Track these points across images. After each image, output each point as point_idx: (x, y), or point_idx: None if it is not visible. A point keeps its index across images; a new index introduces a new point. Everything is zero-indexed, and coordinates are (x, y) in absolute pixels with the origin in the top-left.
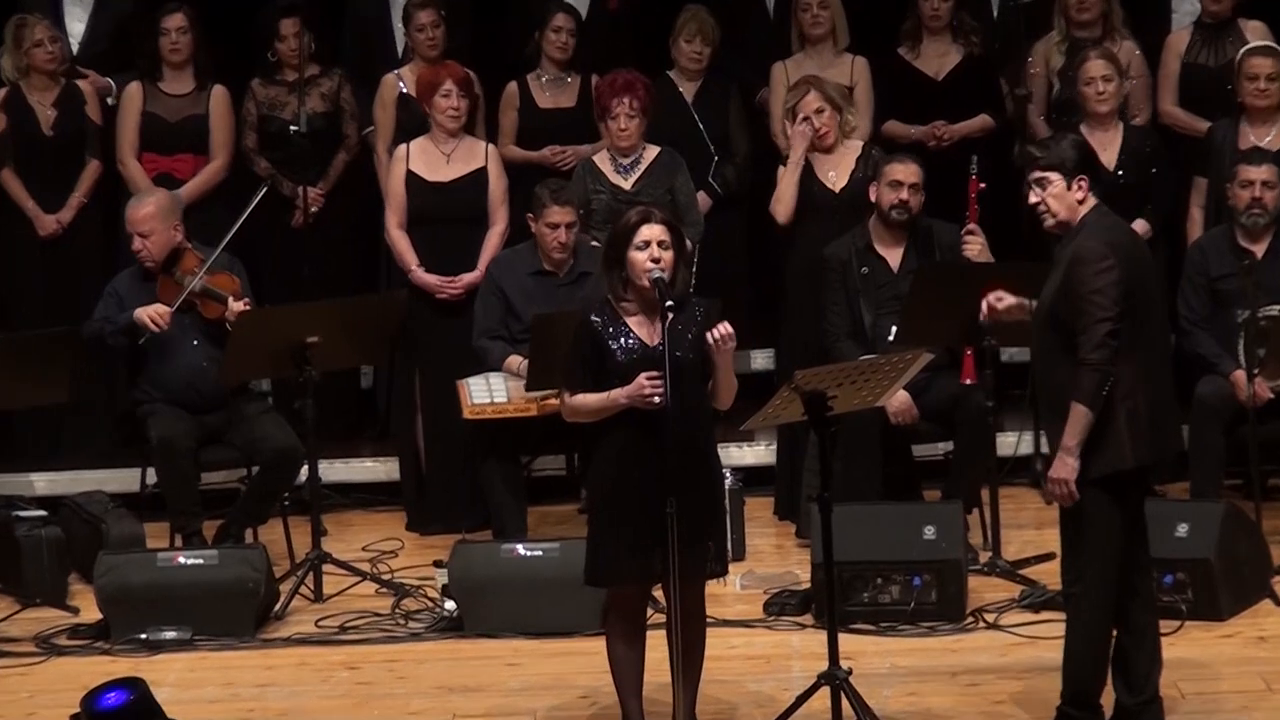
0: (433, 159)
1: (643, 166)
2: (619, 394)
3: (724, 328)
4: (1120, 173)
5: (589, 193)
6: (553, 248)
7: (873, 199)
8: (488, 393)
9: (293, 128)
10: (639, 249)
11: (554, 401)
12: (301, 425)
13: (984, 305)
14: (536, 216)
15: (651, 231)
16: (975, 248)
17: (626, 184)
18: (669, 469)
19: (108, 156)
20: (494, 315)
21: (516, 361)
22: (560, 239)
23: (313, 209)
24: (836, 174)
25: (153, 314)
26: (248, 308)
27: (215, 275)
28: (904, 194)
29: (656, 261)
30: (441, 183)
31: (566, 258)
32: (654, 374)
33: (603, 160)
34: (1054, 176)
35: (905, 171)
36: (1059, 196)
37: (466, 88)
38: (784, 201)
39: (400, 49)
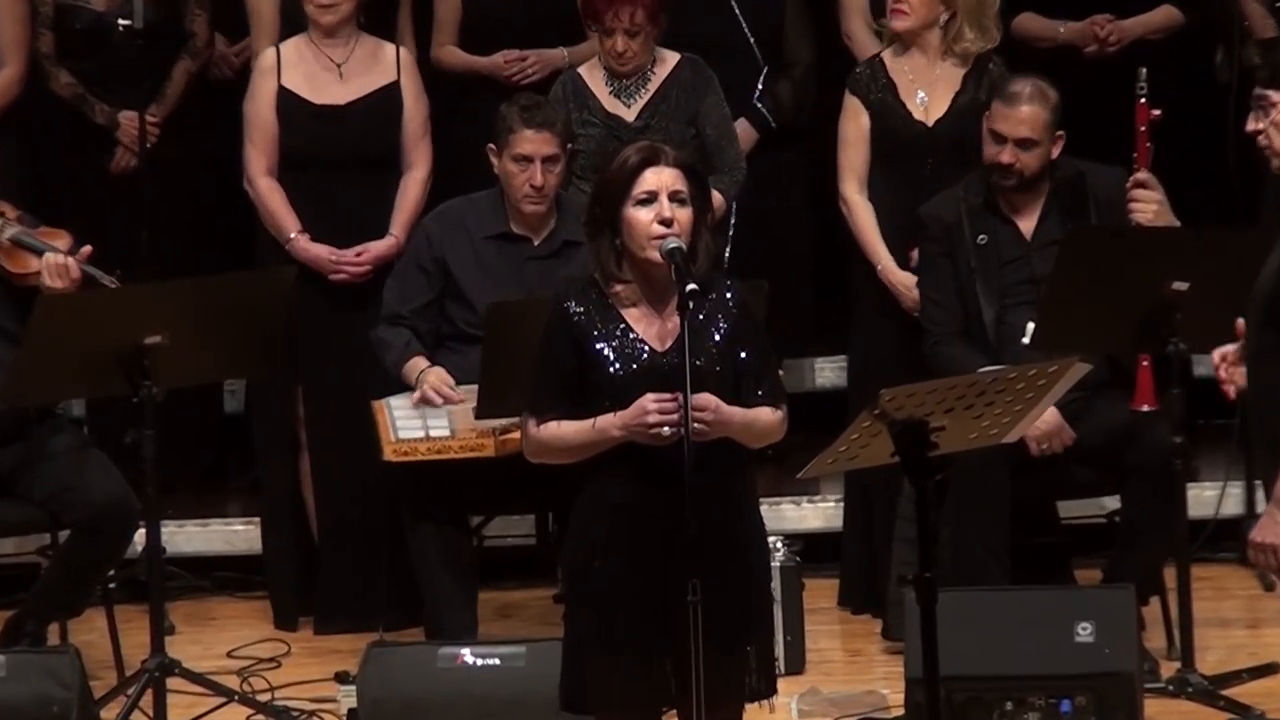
0: (317, 71)
1: (653, 86)
2: (610, 422)
3: (698, 403)
4: None
5: (574, 125)
6: (523, 195)
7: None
8: (420, 423)
9: (122, 22)
10: (641, 204)
11: (517, 436)
12: (136, 469)
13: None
14: (500, 147)
15: (660, 178)
16: (1149, 209)
17: (629, 113)
18: (689, 536)
19: None
20: (411, 293)
21: (419, 369)
22: (534, 180)
23: (147, 145)
24: (930, 96)
25: None
26: (79, 271)
27: (38, 228)
28: (1005, 154)
29: (668, 224)
30: (332, 107)
31: (544, 212)
32: (664, 395)
33: (594, 76)
34: (1277, 96)
35: (1012, 120)
36: None
37: None
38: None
39: None
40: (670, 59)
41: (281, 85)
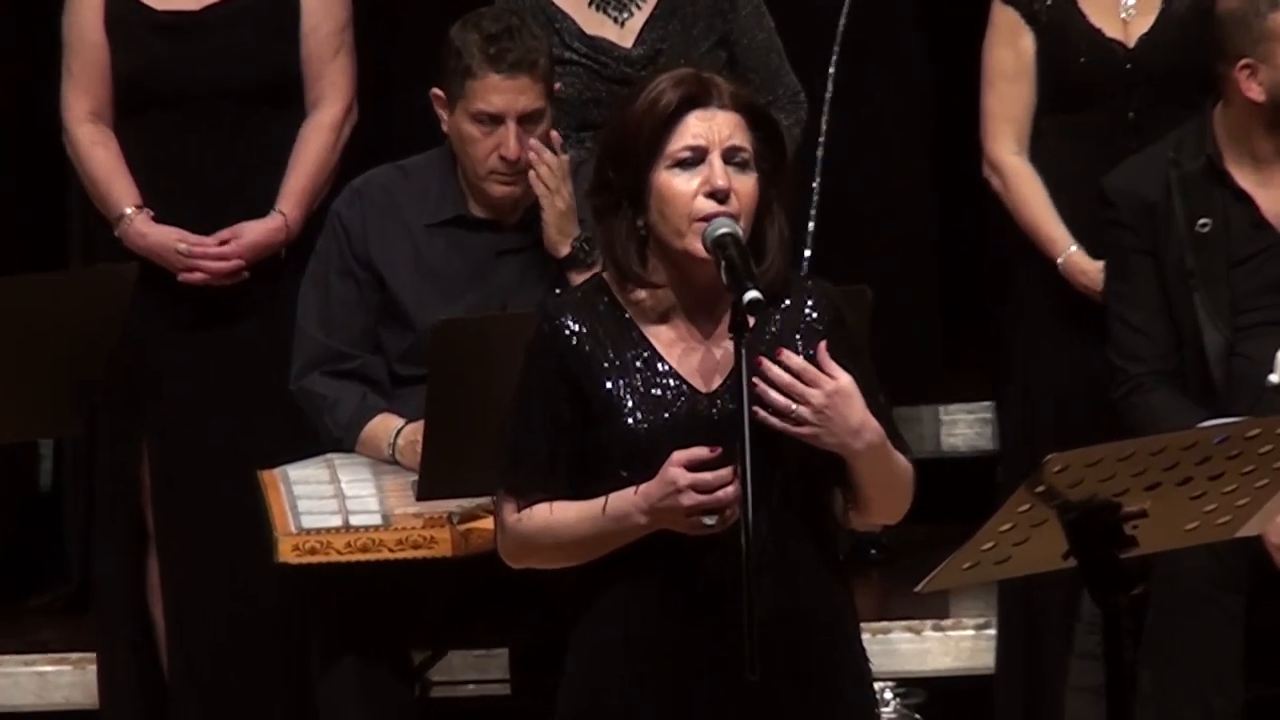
0: None
1: None
2: (630, 503)
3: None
4: None
5: None
6: (489, 170)
7: (1244, 83)
8: (337, 505)
9: None
10: (681, 167)
11: (486, 524)
12: None
13: None
14: (452, 97)
15: (711, 127)
16: None
17: (624, 35)
18: (749, 683)
19: None
20: (341, 317)
21: (392, 429)
22: (507, 150)
23: None
24: (1133, 4)
25: None
26: None
27: None
28: None
29: (722, 197)
30: (183, 14)
31: (519, 193)
32: (701, 452)
33: None
34: None
35: None
36: None
37: None
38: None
39: None
40: None
41: None
